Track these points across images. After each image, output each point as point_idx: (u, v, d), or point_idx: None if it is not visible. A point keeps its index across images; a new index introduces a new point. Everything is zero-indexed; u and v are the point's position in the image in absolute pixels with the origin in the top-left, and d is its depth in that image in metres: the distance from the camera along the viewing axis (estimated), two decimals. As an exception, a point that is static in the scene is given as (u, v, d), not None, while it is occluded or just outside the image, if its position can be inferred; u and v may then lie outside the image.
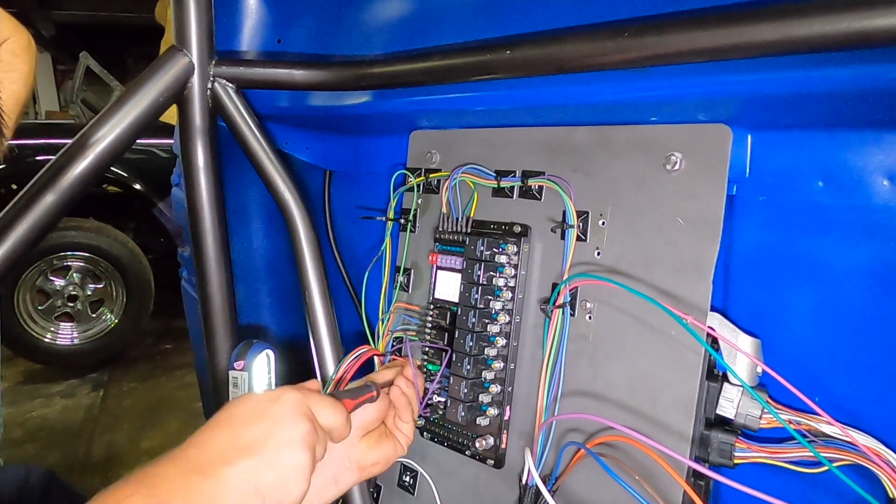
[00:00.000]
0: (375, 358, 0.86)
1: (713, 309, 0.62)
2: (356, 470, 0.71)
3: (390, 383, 0.76)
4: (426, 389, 0.78)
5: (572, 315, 0.69)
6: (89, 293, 3.24)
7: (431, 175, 0.84)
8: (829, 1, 0.42)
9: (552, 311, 0.69)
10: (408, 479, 0.86)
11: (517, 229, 0.73)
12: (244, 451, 0.53)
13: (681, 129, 0.62)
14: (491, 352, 0.73)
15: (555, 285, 0.70)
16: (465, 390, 0.73)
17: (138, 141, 0.84)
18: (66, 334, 3.22)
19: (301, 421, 0.56)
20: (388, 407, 0.74)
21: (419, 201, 0.86)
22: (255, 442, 0.53)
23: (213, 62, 0.81)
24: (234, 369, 0.87)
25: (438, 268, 0.80)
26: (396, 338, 0.86)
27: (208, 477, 0.50)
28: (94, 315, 3.27)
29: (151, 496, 0.47)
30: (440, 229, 0.80)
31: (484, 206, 0.78)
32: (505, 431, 0.75)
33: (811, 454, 0.56)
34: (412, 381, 0.77)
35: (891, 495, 0.54)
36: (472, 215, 0.78)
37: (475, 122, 0.81)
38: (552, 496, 0.65)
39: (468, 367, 0.72)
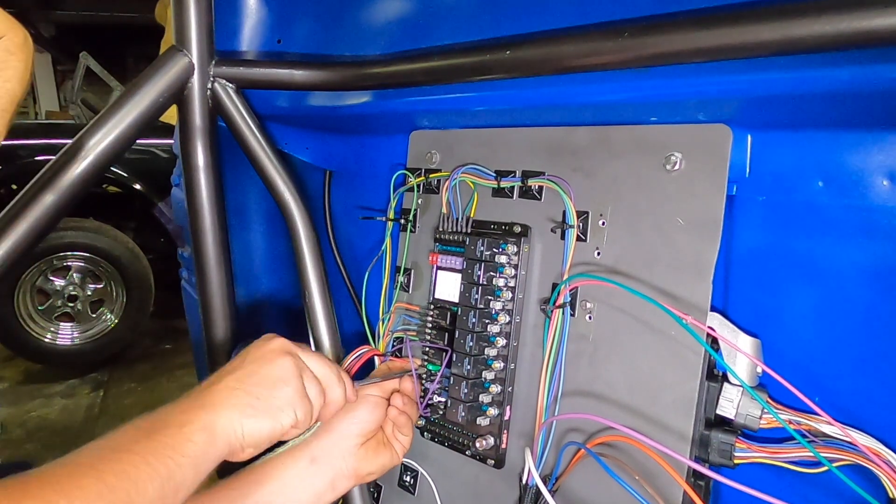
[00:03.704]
0: (376, 358, 0.86)
1: (713, 309, 0.62)
2: (353, 477, 0.72)
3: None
4: (426, 389, 0.78)
5: (572, 315, 0.69)
6: (89, 293, 3.23)
7: (431, 175, 0.84)
8: (829, 1, 0.42)
9: (552, 312, 0.69)
10: (408, 478, 0.86)
11: (517, 229, 0.73)
12: (225, 373, 0.59)
13: (681, 129, 0.62)
14: (491, 352, 0.73)
15: (555, 285, 0.70)
16: (466, 390, 0.73)
17: (138, 141, 0.84)
18: (66, 334, 3.22)
19: (273, 341, 0.62)
20: (384, 416, 0.74)
21: (419, 201, 0.86)
22: (234, 366, 0.60)
23: (213, 62, 0.81)
24: (234, 369, 0.87)
25: (438, 268, 0.80)
26: (397, 338, 0.86)
27: (198, 396, 0.56)
28: (94, 315, 3.26)
29: (152, 415, 0.52)
30: (440, 229, 0.80)
31: (484, 206, 0.78)
32: (505, 431, 0.75)
33: (811, 454, 0.56)
34: (411, 395, 0.77)
35: (891, 495, 0.54)
36: (472, 215, 0.78)
37: (475, 122, 0.81)
38: (552, 496, 0.65)
39: (468, 367, 0.72)
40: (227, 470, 0.86)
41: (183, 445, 0.50)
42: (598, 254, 0.68)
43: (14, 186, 3.23)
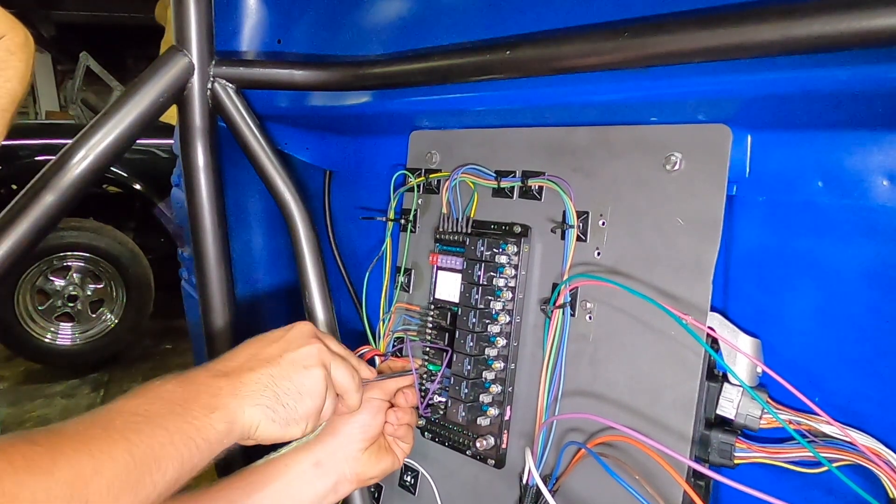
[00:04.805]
0: (376, 358, 0.86)
1: (713, 309, 0.62)
2: (355, 481, 0.72)
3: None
4: (426, 389, 0.78)
5: (572, 315, 0.69)
6: (89, 293, 3.23)
7: (431, 175, 0.84)
8: (829, 1, 0.42)
9: (552, 312, 0.69)
10: (409, 478, 0.86)
11: (517, 229, 0.73)
12: (263, 362, 0.60)
13: (681, 129, 0.62)
14: (491, 352, 0.73)
15: (555, 285, 0.70)
16: (466, 390, 0.73)
17: (138, 141, 0.84)
18: (66, 334, 3.21)
19: (311, 342, 0.63)
20: (384, 422, 0.74)
21: (419, 201, 0.86)
22: (271, 357, 0.60)
23: (213, 62, 0.81)
24: (235, 369, 0.87)
25: (439, 268, 0.80)
26: (397, 338, 0.87)
27: (232, 378, 0.57)
28: (94, 315, 3.26)
29: (183, 385, 0.54)
30: (440, 229, 0.80)
31: (484, 207, 0.78)
32: (505, 431, 0.75)
33: (811, 454, 0.56)
34: (410, 405, 0.77)
35: (891, 495, 0.54)
36: (472, 215, 0.78)
37: (475, 122, 0.81)
38: (553, 496, 0.66)
39: (469, 367, 0.72)
40: (226, 469, 0.86)
41: (206, 430, 0.52)
42: (598, 254, 0.68)
43: (14, 186, 3.23)
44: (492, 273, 0.73)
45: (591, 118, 0.69)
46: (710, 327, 0.60)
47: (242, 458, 0.93)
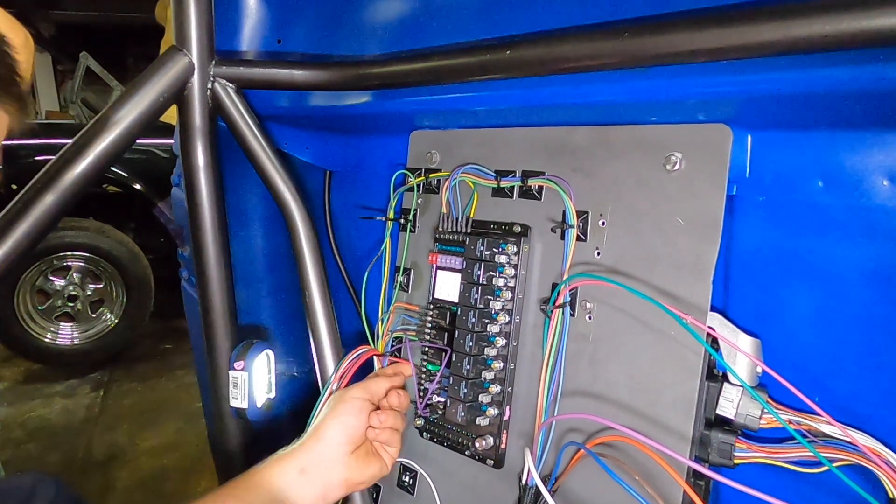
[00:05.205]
0: (375, 358, 0.86)
1: (713, 309, 0.62)
2: (344, 487, 0.71)
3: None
4: (425, 389, 0.78)
5: (572, 315, 0.69)
6: (89, 293, 3.23)
7: (431, 175, 0.84)
8: (829, 1, 0.42)
9: (552, 311, 0.69)
10: (407, 479, 0.86)
11: (517, 229, 0.73)
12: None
13: (681, 129, 0.62)
14: (491, 352, 0.73)
15: (555, 285, 0.70)
16: (465, 390, 0.73)
17: (138, 141, 0.84)
18: (66, 334, 3.22)
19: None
20: (366, 423, 0.74)
21: (419, 201, 0.86)
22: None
23: (213, 62, 0.81)
24: (234, 369, 0.87)
25: (438, 268, 0.80)
26: (396, 338, 0.86)
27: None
28: (94, 315, 3.26)
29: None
30: (440, 229, 0.80)
31: (484, 206, 0.78)
32: (505, 431, 0.75)
33: (811, 454, 0.56)
34: (398, 408, 0.77)
35: (891, 495, 0.54)
36: (471, 215, 0.78)
37: (475, 122, 0.81)
38: (552, 496, 0.65)
39: (468, 367, 0.72)
40: (226, 470, 0.86)
41: None
42: (598, 254, 0.68)
43: (14, 186, 3.22)
44: (491, 273, 0.73)
45: (591, 118, 0.69)
46: (710, 327, 0.60)
47: (242, 459, 0.93)
